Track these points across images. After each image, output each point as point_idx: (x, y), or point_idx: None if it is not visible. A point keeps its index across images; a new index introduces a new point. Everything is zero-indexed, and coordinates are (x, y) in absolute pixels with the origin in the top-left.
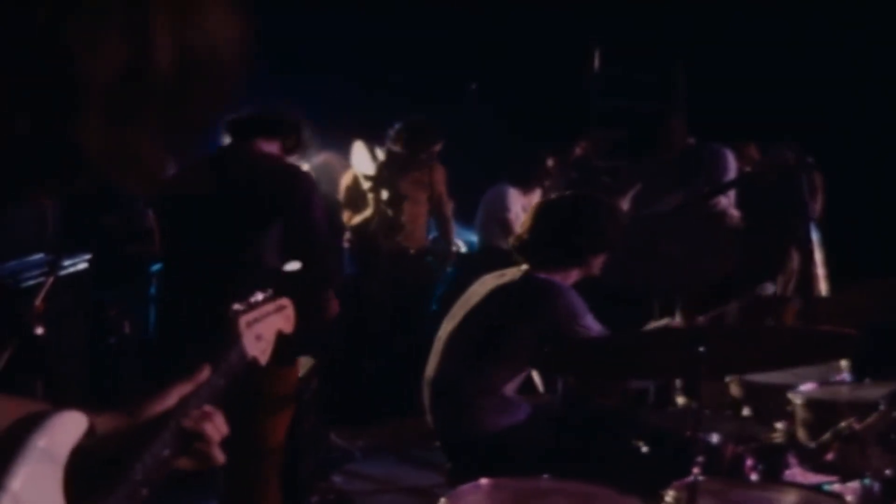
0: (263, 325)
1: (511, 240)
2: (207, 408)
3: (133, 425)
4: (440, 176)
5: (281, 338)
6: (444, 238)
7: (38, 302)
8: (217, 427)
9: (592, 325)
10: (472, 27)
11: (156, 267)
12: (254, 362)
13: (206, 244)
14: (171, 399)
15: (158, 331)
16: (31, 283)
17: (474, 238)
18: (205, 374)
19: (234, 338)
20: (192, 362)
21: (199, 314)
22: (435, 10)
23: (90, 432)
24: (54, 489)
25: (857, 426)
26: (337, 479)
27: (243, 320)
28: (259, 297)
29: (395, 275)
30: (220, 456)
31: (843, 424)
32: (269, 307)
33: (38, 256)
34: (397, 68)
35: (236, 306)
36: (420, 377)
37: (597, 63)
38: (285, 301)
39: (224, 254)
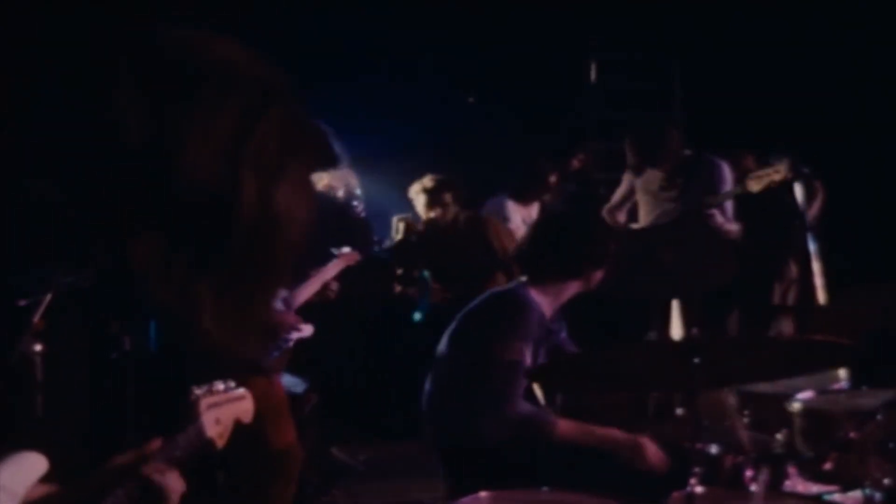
0: (223, 411)
1: (512, 251)
2: (162, 466)
3: (86, 484)
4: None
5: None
6: None
7: (36, 319)
8: (176, 483)
9: (523, 354)
10: (469, 41)
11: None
12: (210, 443)
13: None
14: (119, 464)
15: (159, 347)
16: (30, 300)
17: None
18: (156, 443)
19: (194, 415)
20: (191, 385)
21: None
22: (432, 23)
23: (49, 476)
24: None
25: (854, 435)
26: (338, 493)
27: (204, 402)
28: (220, 385)
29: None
30: None
31: (841, 433)
32: (230, 395)
33: (37, 272)
34: (395, 81)
35: (197, 390)
36: (421, 391)
37: (593, 75)
38: (244, 392)
39: None
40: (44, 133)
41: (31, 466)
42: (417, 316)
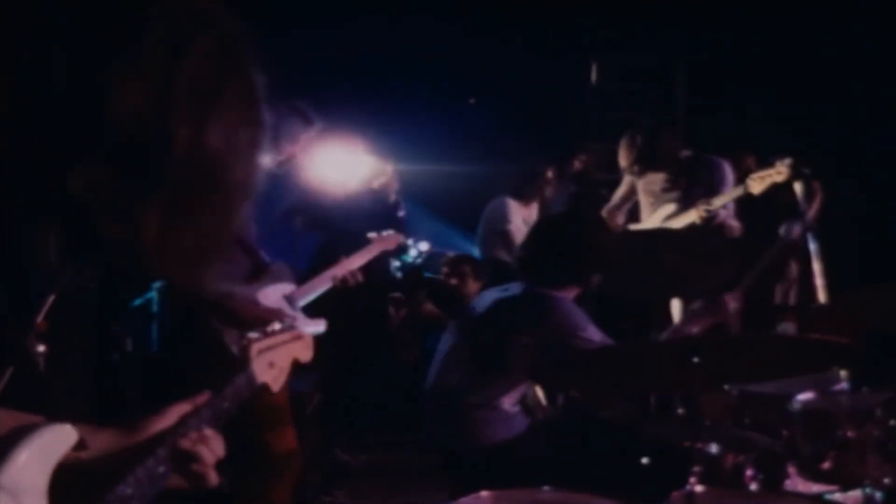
0: (277, 353)
1: (514, 256)
2: (207, 430)
3: (130, 441)
4: None
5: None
6: None
7: (39, 320)
8: (213, 450)
9: (594, 335)
10: (470, 42)
11: (158, 283)
12: (264, 388)
13: None
14: (171, 418)
15: (160, 347)
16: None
17: (473, 250)
18: (205, 396)
19: (243, 363)
20: (194, 385)
21: (200, 331)
22: (433, 24)
23: (81, 445)
24: (39, 494)
25: (854, 435)
26: (340, 493)
27: (255, 347)
28: (276, 326)
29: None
30: (213, 478)
31: (840, 433)
32: (285, 336)
33: (40, 273)
34: (397, 82)
35: (251, 334)
36: (421, 391)
37: (595, 76)
38: (301, 332)
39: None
40: None
41: (60, 437)
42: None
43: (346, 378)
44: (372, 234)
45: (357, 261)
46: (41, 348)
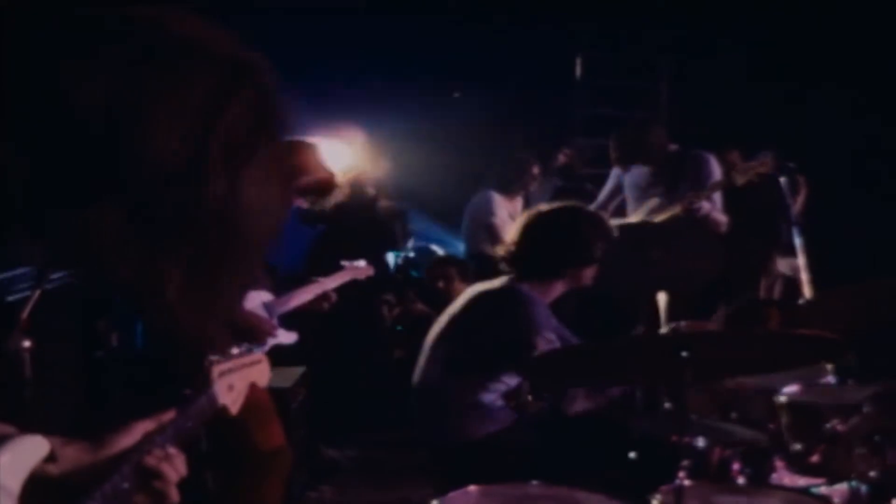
0: (236, 377)
1: (499, 249)
2: (170, 448)
3: (97, 456)
4: None
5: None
6: None
7: (24, 315)
8: (176, 468)
9: (546, 344)
10: (456, 35)
11: None
12: (223, 410)
13: None
14: (135, 435)
15: (145, 345)
16: (18, 296)
17: (458, 244)
18: (170, 414)
19: (205, 384)
20: (175, 384)
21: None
22: (419, 18)
23: (51, 457)
24: (11, 499)
25: (841, 428)
26: (326, 489)
27: (216, 369)
28: (235, 350)
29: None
30: (175, 496)
31: (827, 426)
32: (245, 360)
33: (25, 269)
34: (381, 75)
35: (211, 356)
36: (409, 386)
37: (579, 72)
38: (260, 356)
39: None
40: None
41: (30, 449)
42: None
43: (332, 374)
44: (345, 263)
45: (330, 283)
46: (26, 343)
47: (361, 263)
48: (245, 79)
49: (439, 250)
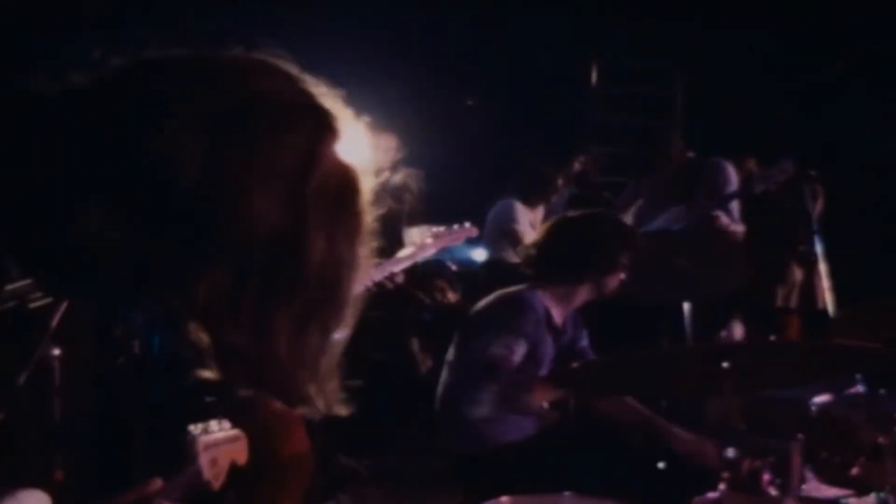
0: (219, 452)
1: (520, 251)
2: None
3: None
4: None
5: None
6: None
7: (54, 322)
8: None
9: (512, 351)
10: (469, 43)
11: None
12: (207, 485)
13: None
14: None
15: (164, 350)
16: (40, 303)
17: (472, 254)
18: (157, 485)
19: (191, 457)
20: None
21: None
22: (433, 25)
23: None
24: None
25: (872, 439)
26: (344, 497)
27: (201, 443)
28: (215, 425)
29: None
30: None
31: (858, 437)
32: (226, 435)
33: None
34: (396, 82)
35: (194, 430)
36: (428, 396)
37: (594, 79)
38: (239, 433)
39: None
40: (93, 171)
41: None
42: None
43: (353, 383)
44: (435, 228)
45: (400, 264)
46: (56, 352)
47: (466, 225)
48: (329, 132)
49: (451, 265)
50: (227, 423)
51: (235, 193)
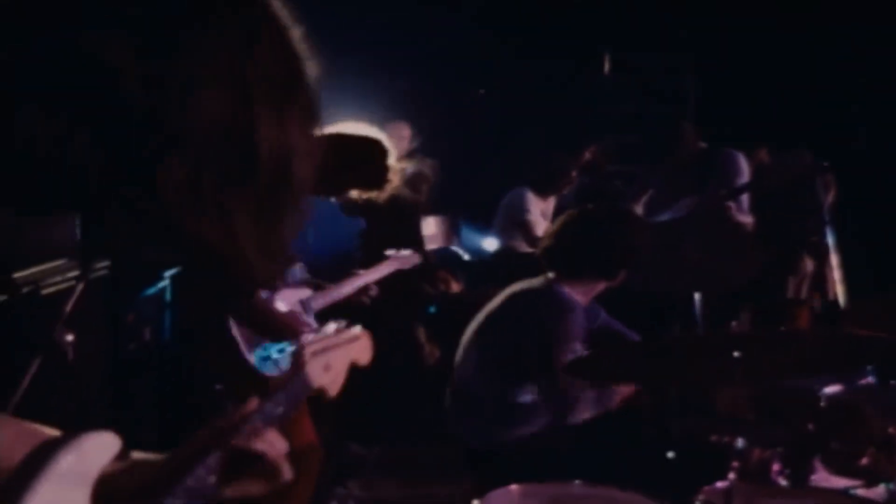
0: (333, 356)
1: (537, 247)
2: (258, 427)
3: (175, 452)
4: None
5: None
6: None
7: (67, 308)
8: (272, 443)
9: (578, 352)
10: (480, 33)
11: (171, 272)
12: (321, 392)
13: None
14: (215, 428)
15: (172, 337)
16: (52, 289)
17: (483, 244)
18: (253, 403)
19: (297, 367)
20: (202, 380)
21: (213, 325)
22: (445, 15)
23: (123, 455)
24: None
25: (882, 429)
26: (353, 485)
27: (309, 350)
28: (332, 327)
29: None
30: (287, 471)
31: (868, 428)
32: (342, 338)
33: (59, 262)
34: (407, 73)
35: (306, 336)
36: (438, 384)
37: (607, 69)
38: (360, 332)
39: None
40: (37, 77)
41: (101, 447)
42: (432, 309)
43: (361, 370)
44: (390, 252)
45: (372, 276)
46: (70, 337)
47: (407, 252)
48: (266, 21)
49: (463, 254)
50: (343, 324)
51: (179, 88)
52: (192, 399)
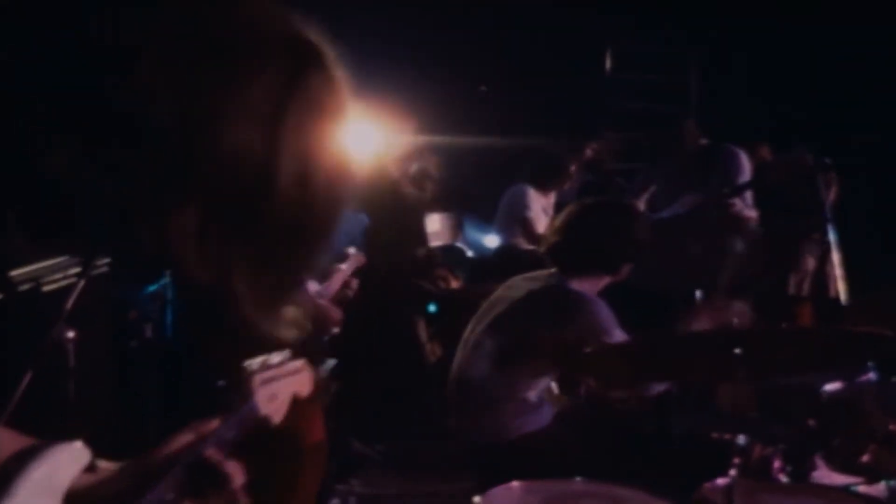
0: (278, 386)
1: (540, 242)
2: (215, 452)
3: (137, 467)
4: None
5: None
6: None
7: (68, 305)
8: (235, 471)
9: (617, 340)
10: (482, 29)
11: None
12: (265, 420)
13: None
14: (175, 446)
15: (175, 335)
16: (53, 286)
17: (484, 240)
18: (213, 424)
19: (246, 395)
20: (203, 376)
21: (215, 318)
22: (445, 10)
23: (91, 467)
24: None
25: (883, 426)
26: (355, 481)
27: (257, 379)
28: (276, 358)
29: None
30: (238, 497)
31: (869, 424)
32: (286, 369)
33: (60, 259)
34: (407, 69)
35: (251, 365)
36: (439, 382)
37: (609, 65)
38: (302, 364)
39: None
40: (62, 109)
41: (72, 458)
42: (432, 307)
43: (362, 367)
44: (350, 250)
45: (348, 269)
46: (70, 334)
47: (352, 251)
48: (311, 62)
49: (467, 251)
50: (287, 355)
51: (207, 132)
52: (194, 395)
